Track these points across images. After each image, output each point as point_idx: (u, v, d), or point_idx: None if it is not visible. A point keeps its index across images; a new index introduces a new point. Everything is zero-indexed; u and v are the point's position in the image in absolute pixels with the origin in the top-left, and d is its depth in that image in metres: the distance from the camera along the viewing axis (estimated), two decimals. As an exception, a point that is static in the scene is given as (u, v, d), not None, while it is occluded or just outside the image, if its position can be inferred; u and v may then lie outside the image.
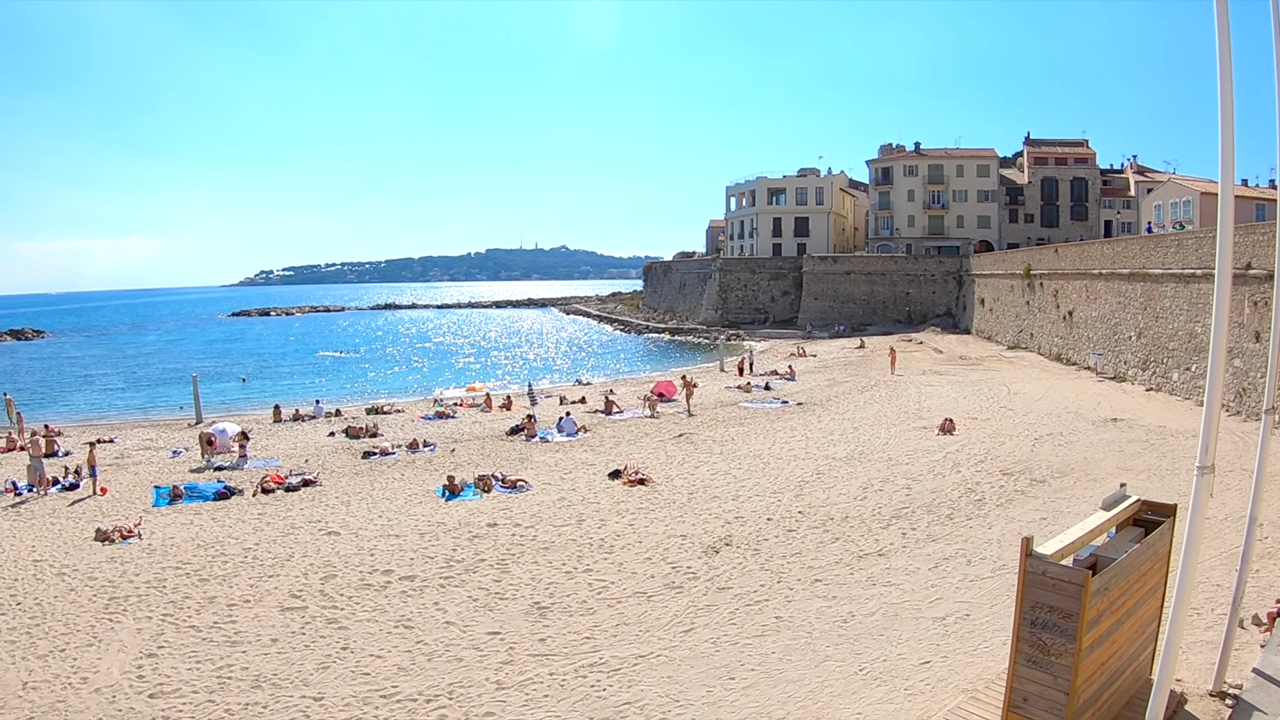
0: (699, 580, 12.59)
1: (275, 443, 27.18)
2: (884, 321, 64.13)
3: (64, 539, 16.97)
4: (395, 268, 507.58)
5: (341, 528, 16.50)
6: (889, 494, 17.05)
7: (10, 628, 12.21)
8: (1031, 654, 6.40)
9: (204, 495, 19.64)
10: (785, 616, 11.03)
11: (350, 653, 10.77)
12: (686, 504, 16.91)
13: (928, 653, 9.72)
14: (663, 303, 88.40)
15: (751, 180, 78.88)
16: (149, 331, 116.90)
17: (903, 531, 14.49)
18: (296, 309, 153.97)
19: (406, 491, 19.33)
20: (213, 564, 15.01)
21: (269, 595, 13.28)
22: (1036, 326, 43.62)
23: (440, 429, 28.43)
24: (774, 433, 24.75)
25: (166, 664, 10.90)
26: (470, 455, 23.51)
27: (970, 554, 13.18)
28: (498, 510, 17.16)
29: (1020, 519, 14.99)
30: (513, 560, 13.90)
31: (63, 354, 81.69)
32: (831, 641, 10.21)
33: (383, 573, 13.63)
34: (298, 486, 20.04)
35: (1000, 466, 19.18)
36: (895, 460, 20.23)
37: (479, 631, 11.18)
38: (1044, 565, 6.31)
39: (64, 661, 11.04)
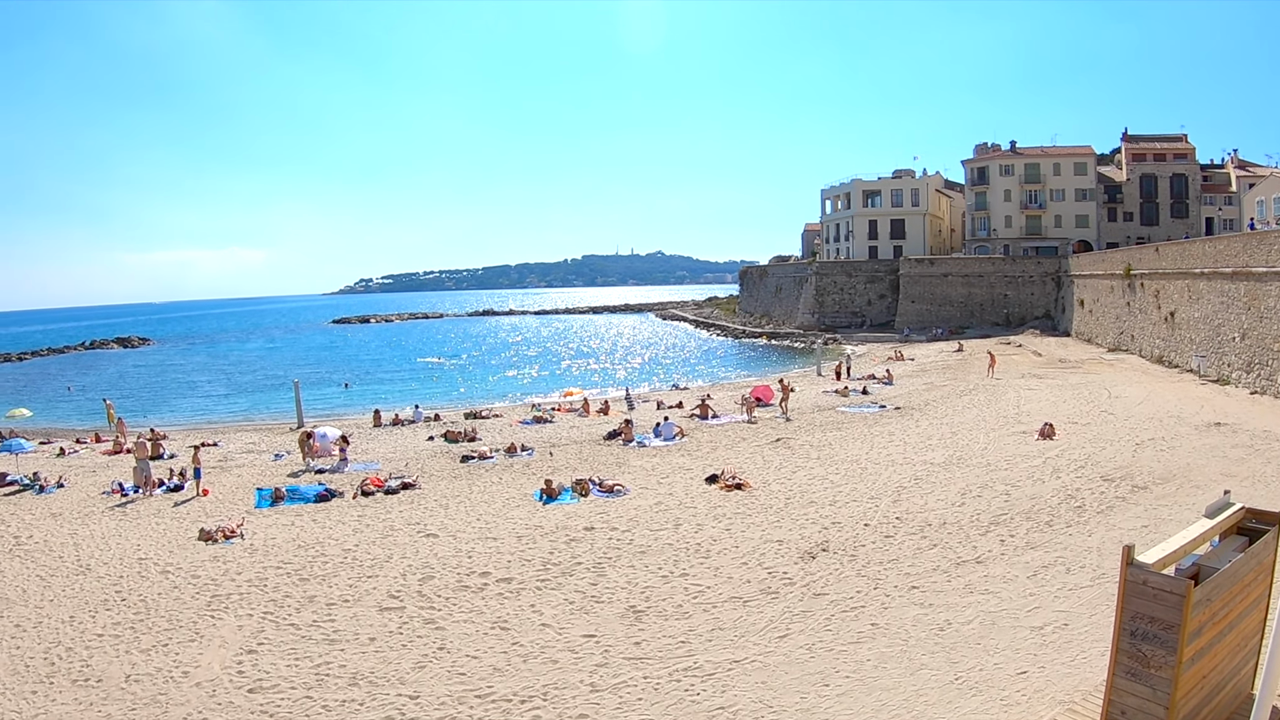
0: (795, 586, 15.15)
1: (375, 447, 33.72)
2: (982, 324, 76.97)
3: (168, 538, 21.49)
4: (492, 275, 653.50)
5: (440, 530, 20.33)
6: (987, 500, 20.28)
7: (115, 622, 15.80)
8: (1131, 666, 7.55)
9: (305, 497, 24.85)
10: (881, 623, 13.18)
11: (446, 653, 13.26)
12: (783, 509, 20.39)
13: (1025, 663, 11.54)
14: (759, 307, 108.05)
15: (846, 183, 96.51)
16: (252, 339, 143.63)
17: (1001, 539, 17.25)
18: (396, 316, 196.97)
19: (504, 495, 23.75)
20: (313, 564, 18.45)
21: (368, 595, 16.26)
22: (1137, 328, 51.85)
23: (538, 433, 34.76)
24: (871, 437, 29.54)
25: (266, 660, 13.68)
26: (568, 459, 28.67)
27: (1069, 562, 15.62)
28: (595, 514, 20.91)
29: (1121, 526, 17.61)
30: (609, 564, 16.97)
31: (168, 361, 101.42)
32: (927, 650, 12.16)
33: (480, 575, 16.81)
34: (397, 489, 24.74)
35: (1101, 472, 22.48)
36: (994, 466, 24.11)
37: (574, 634, 13.61)
38: (1145, 575, 7.45)
39: (166, 656, 14.15)
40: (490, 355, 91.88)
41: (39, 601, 17.03)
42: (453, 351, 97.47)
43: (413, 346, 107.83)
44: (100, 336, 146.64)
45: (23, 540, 21.79)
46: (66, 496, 27.08)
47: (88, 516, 24.25)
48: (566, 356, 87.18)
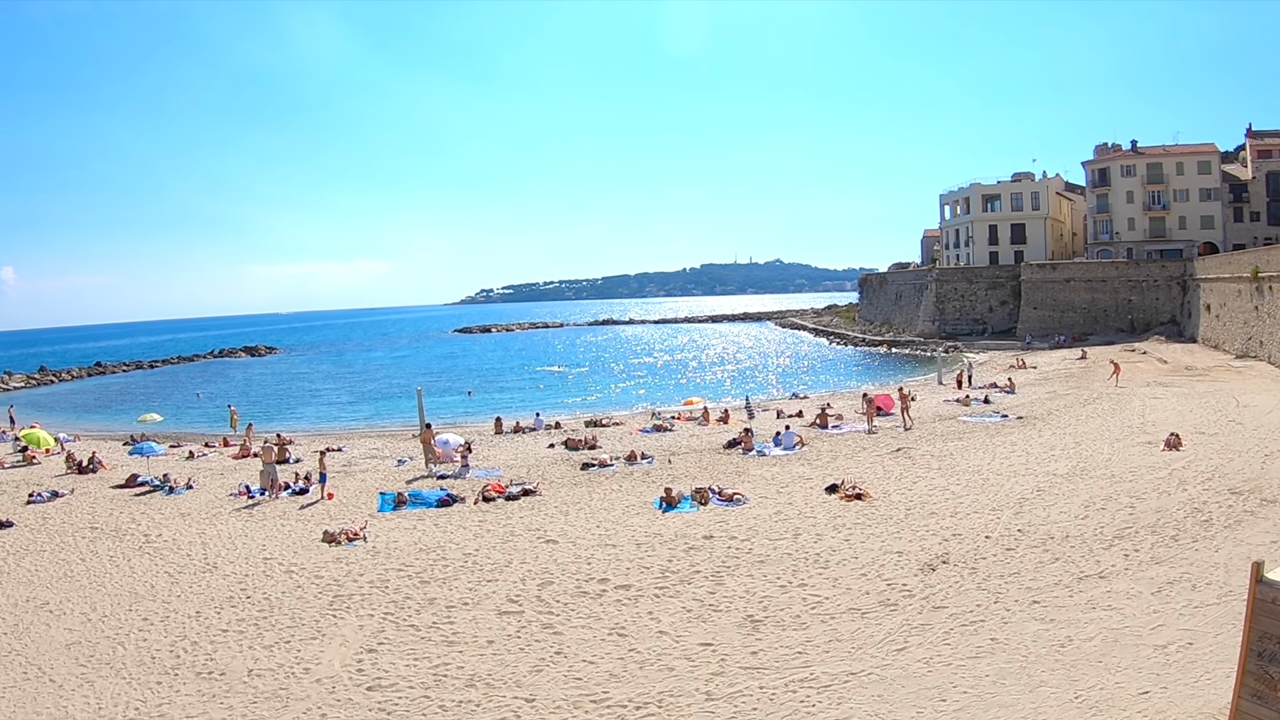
0: (914, 598, 15.59)
1: (496, 453, 36.16)
2: (1105, 330, 78.75)
3: (293, 539, 23.07)
4: (612, 284, 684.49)
5: (560, 536, 21.52)
6: (1111, 513, 20.52)
7: (239, 619, 17.03)
8: (1257, 689, 7.53)
9: (427, 502, 26.36)
10: (1001, 638, 13.47)
11: (564, 657, 13.99)
12: (903, 520, 21.02)
13: (1147, 682, 11.59)
14: (879, 315, 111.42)
15: (965, 187, 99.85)
16: (376, 348, 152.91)
17: (1125, 553, 17.44)
18: (516, 326, 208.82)
19: (624, 502, 25.13)
20: (433, 567, 19.50)
21: (487, 599, 17.12)
22: (1266, 334, 51.59)
23: (658, 442, 36.64)
24: (993, 447, 30.41)
25: (385, 659, 14.47)
26: (687, 468, 30.09)
27: (1195, 578, 15.62)
28: (714, 523, 21.88)
29: (1249, 542, 17.57)
30: (727, 573, 17.67)
31: (294, 369, 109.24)
32: (1047, 667, 12.33)
33: (599, 581, 17.72)
34: (518, 495, 26.31)
35: (1229, 485, 22.44)
36: (1118, 477, 24.32)
37: (691, 642, 14.20)
38: (1275, 593, 7.42)
39: (288, 652, 15.17)
40: (610, 364, 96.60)
41: (166, 597, 18.53)
42: (573, 360, 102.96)
43: (533, 355, 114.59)
44: (229, 345, 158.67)
45: (152, 538, 23.77)
46: (195, 498, 29.39)
47: (215, 517, 26.25)
48: (686, 365, 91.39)
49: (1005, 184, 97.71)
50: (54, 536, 24.60)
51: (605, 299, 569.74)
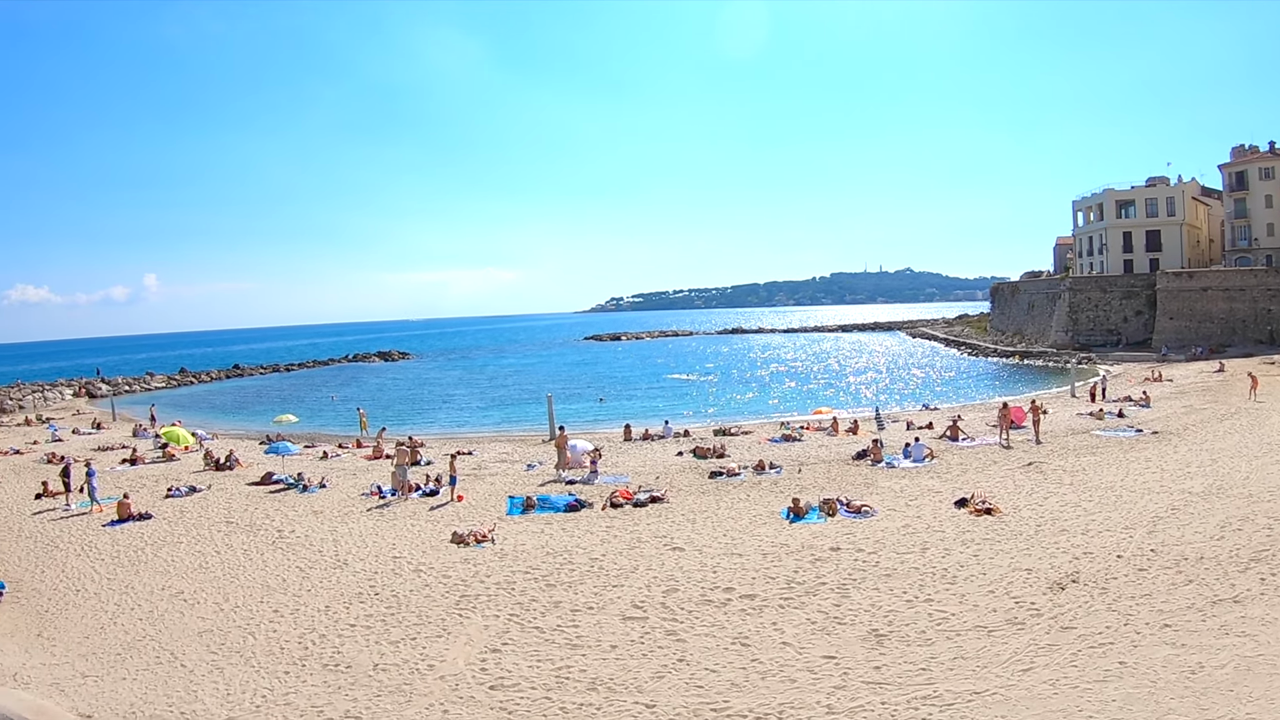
0: (1042, 617, 15.53)
1: (625, 460, 37.08)
2: (1244, 342, 77.60)
3: (422, 539, 24.08)
4: (741, 293, 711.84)
5: (686, 544, 22.05)
6: (1248, 534, 20.11)
7: (367, 614, 17.89)
8: None
9: (555, 506, 27.16)
10: (1129, 662, 13.32)
11: (686, 665, 14.33)
12: (1033, 536, 21.03)
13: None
14: (1010, 325, 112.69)
15: (1098, 193, 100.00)
16: (507, 355, 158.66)
17: (1262, 576, 16.97)
18: (646, 334, 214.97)
19: (751, 512, 25.52)
20: (560, 571, 20.06)
21: (611, 604, 17.57)
22: None
23: (786, 451, 37.35)
24: (1127, 463, 30.15)
25: (509, 660, 14.94)
26: (815, 478, 30.53)
27: None
28: (841, 534, 22.17)
29: None
30: (853, 585, 17.95)
31: (425, 374, 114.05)
32: (1176, 693, 12.14)
33: (724, 590, 18.11)
34: (645, 502, 27.14)
35: None
36: (1256, 497, 23.78)
37: (814, 654, 14.44)
38: None
39: (413, 649, 15.81)
40: (739, 373, 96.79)
41: (297, 590, 19.66)
42: (702, 369, 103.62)
43: (663, 363, 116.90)
44: (363, 350, 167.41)
45: (285, 534, 25.25)
46: (328, 496, 30.99)
47: (347, 515, 27.63)
48: (816, 375, 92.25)
49: (1139, 189, 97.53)
50: (190, 529, 26.41)
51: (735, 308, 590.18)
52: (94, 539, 25.70)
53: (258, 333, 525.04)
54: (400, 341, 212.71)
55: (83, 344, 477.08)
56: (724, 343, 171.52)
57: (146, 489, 33.49)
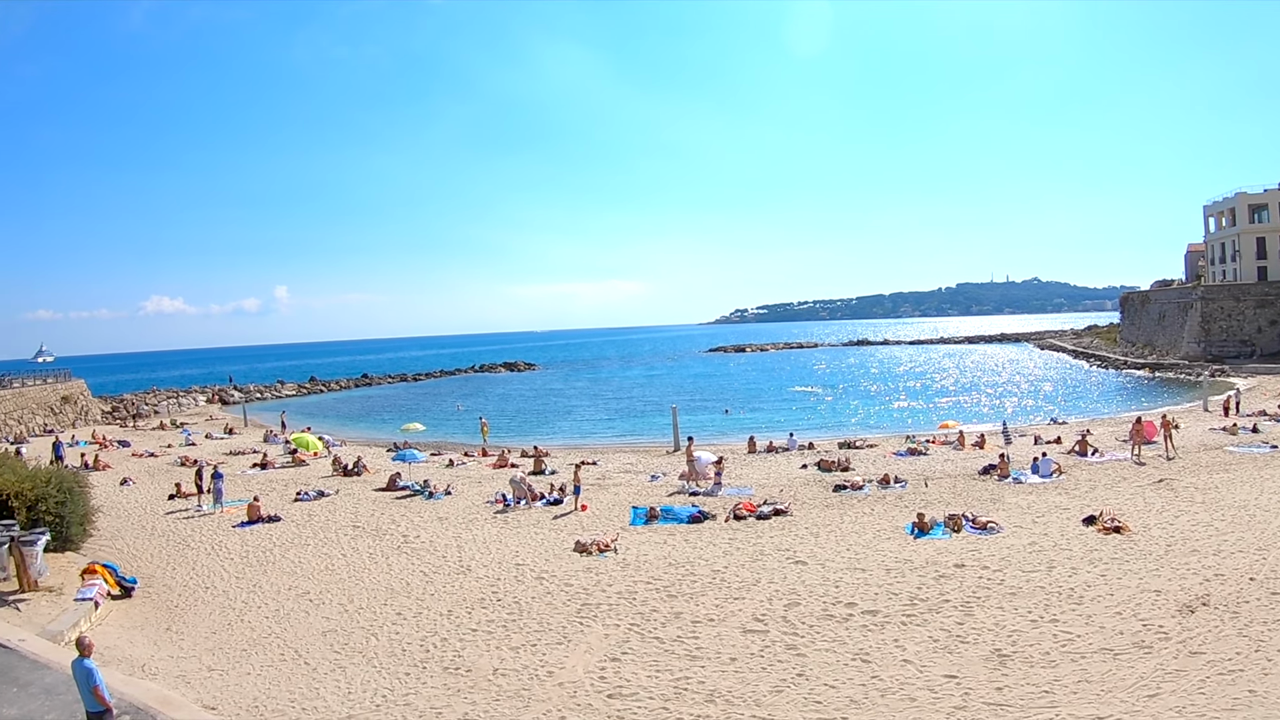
0: (1170, 641, 15.19)
1: (749, 472, 37.55)
2: None
3: (545, 547, 24.68)
4: (866, 304, 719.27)
5: (809, 558, 22.24)
6: None
7: (489, 620, 18.43)
8: None
9: (679, 518, 27.50)
10: (1260, 691, 12.94)
11: (805, 679, 14.43)
12: (1163, 556, 20.63)
13: None
14: (1140, 336, 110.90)
15: (1230, 196, 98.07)
16: (631, 366, 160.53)
17: None
18: (770, 346, 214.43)
19: (875, 526, 25.68)
20: (682, 582, 20.26)
21: (732, 616, 17.68)
22: None
23: (912, 465, 37.44)
24: (1261, 481, 29.29)
25: (628, 669, 15.17)
26: (941, 493, 30.51)
27: None
28: (966, 551, 22.13)
29: None
30: (977, 603, 17.88)
31: (551, 385, 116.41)
32: None
33: (845, 605, 18.21)
34: (769, 515, 27.35)
35: None
36: None
37: (935, 673, 14.39)
38: None
39: (533, 655, 16.21)
40: (865, 385, 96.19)
41: (421, 594, 20.40)
42: (827, 381, 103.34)
43: (787, 375, 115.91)
44: (489, 361, 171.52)
45: (410, 539, 26.19)
46: (453, 503, 31.97)
47: (471, 522, 28.52)
48: (941, 387, 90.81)
49: (1273, 192, 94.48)
50: (318, 532, 27.69)
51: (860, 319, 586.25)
52: (224, 539, 27.22)
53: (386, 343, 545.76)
54: (526, 352, 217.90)
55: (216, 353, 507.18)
56: (849, 355, 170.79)
57: (276, 492, 35.27)
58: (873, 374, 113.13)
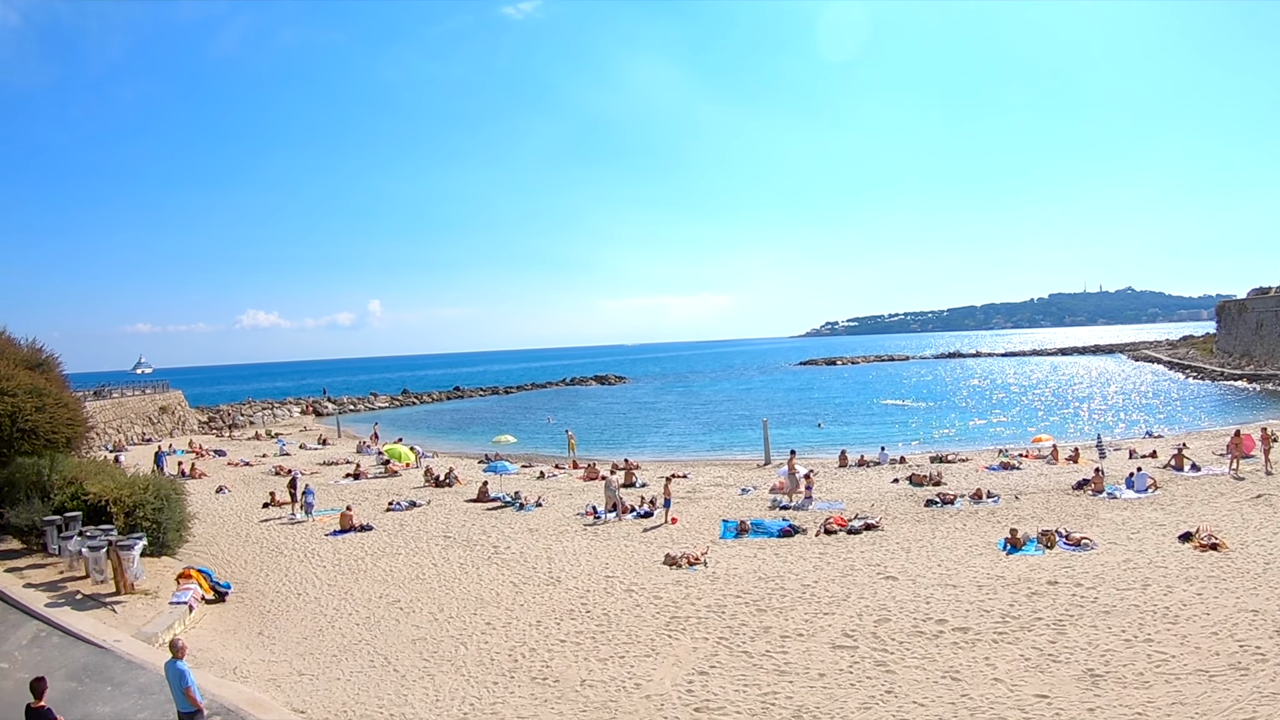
0: (1268, 663, 14.70)
1: (840, 486, 37.61)
2: None
3: (635, 560, 24.84)
4: (957, 316, 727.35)
5: (900, 573, 22.13)
6: None
7: (577, 631, 18.57)
8: None
9: (769, 532, 27.51)
10: None
11: (894, 696, 14.32)
12: (1261, 575, 20.06)
13: None
14: (1238, 346, 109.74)
15: None
16: (722, 379, 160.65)
17: None
18: (861, 358, 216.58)
19: (967, 542, 25.56)
20: (771, 596, 20.18)
21: (822, 631, 17.60)
22: None
23: (1004, 480, 37.24)
24: None
25: (716, 683, 15.11)
26: (1034, 508, 30.32)
27: None
28: (1059, 568, 21.86)
29: None
30: (1070, 622, 17.60)
31: (641, 398, 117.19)
32: None
33: (936, 621, 18.07)
34: (859, 530, 27.41)
35: None
36: None
37: (1026, 692, 14.22)
38: None
39: (621, 667, 16.29)
40: (956, 398, 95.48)
41: (510, 605, 20.68)
42: (918, 394, 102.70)
43: (878, 388, 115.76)
44: (580, 374, 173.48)
45: (501, 550, 26.57)
46: (544, 515, 32.43)
47: (561, 534, 28.84)
48: (1034, 400, 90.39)
49: None
50: (409, 542, 28.29)
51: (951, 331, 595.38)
52: (316, 547, 28.04)
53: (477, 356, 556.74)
54: (617, 366, 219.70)
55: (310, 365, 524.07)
56: (941, 367, 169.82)
57: (368, 502, 36.16)
58: (964, 387, 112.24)
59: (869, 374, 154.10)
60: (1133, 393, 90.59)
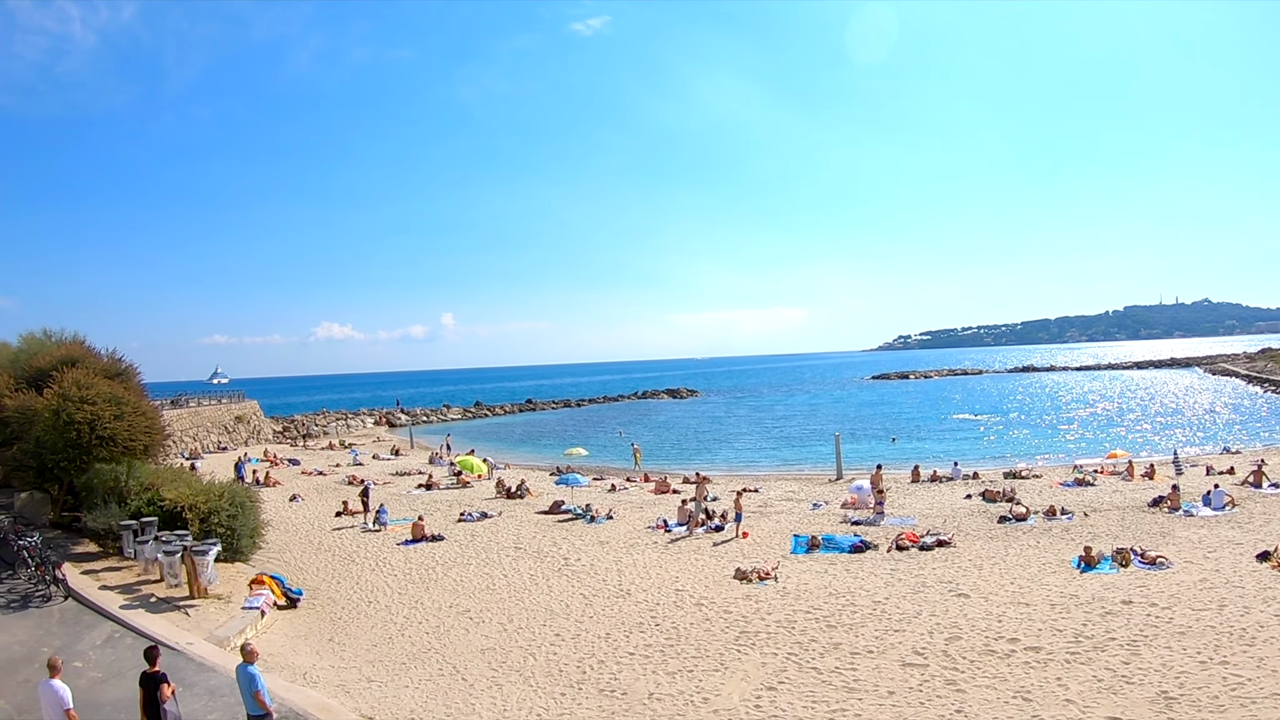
0: None
1: (912, 502, 37.22)
2: None
3: (706, 574, 24.75)
4: (1031, 329, 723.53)
5: (972, 591, 21.92)
6: None
7: (646, 644, 18.59)
8: None
9: (840, 547, 27.31)
10: None
11: (964, 716, 14.22)
12: None
13: None
14: None
15: None
16: (794, 393, 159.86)
17: None
18: (934, 372, 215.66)
19: (1040, 559, 25.23)
20: (841, 612, 20.02)
21: (892, 649, 17.41)
22: None
23: (1079, 496, 36.66)
24: None
25: (784, 699, 15.05)
26: (1108, 526, 29.83)
27: None
28: (1134, 587, 21.46)
29: None
30: (1144, 642, 17.28)
31: (713, 411, 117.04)
32: None
33: (1008, 640, 17.87)
34: (931, 546, 27.22)
35: None
36: None
37: (1099, 714, 14.05)
38: None
39: (689, 680, 16.26)
40: (1030, 413, 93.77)
41: (579, 616, 20.79)
42: (992, 408, 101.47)
43: (952, 403, 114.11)
44: (651, 388, 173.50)
45: (571, 562, 26.73)
46: (614, 527, 32.53)
47: (632, 547, 28.89)
48: (1110, 415, 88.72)
49: None
50: (480, 552, 28.59)
51: (1025, 344, 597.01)
52: (388, 556, 28.48)
53: (549, 369, 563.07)
54: (688, 379, 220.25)
55: (383, 377, 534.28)
56: (1015, 381, 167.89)
57: (440, 512, 36.64)
58: (1038, 401, 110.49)
59: (942, 388, 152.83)
60: (1210, 407, 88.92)
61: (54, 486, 26.88)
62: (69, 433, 23.85)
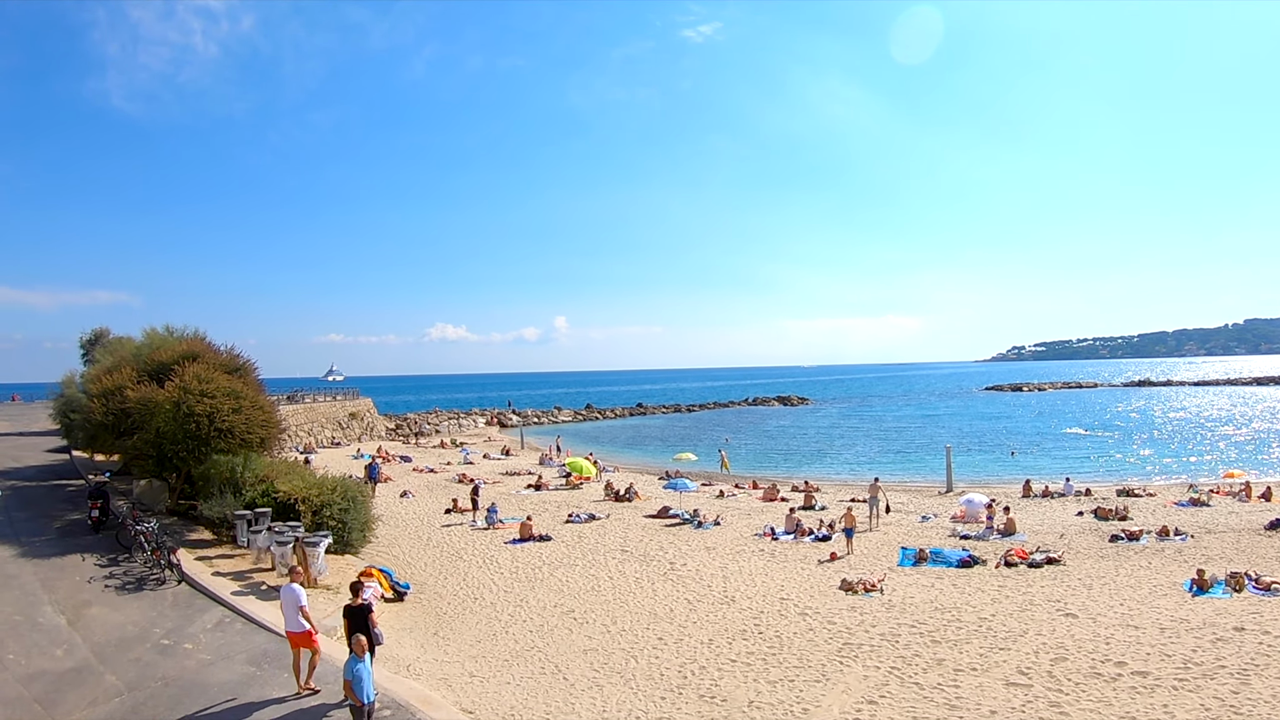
0: None
1: (1023, 518, 35.97)
2: None
3: (811, 584, 24.60)
4: (1147, 342, 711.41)
5: (1080, 610, 21.41)
6: None
7: (749, 652, 18.53)
8: None
9: (948, 561, 26.93)
10: None
11: None
12: None
13: None
14: None
15: None
16: (906, 404, 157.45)
17: None
18: (1048, 385, 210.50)
19: (1152, 581, 24.58)
20: (946, 628, 19.67)
21: (996, 667, 17.04)
22: None
23: (1194, 517, 35.80)
24: None
25: (884, 713, 14.82)
26: (1223, 548, 29.01)
27: None
28: (1247, 613, 20.63)
29: None
30: (1255, 672, 16.59)
31: (823, 420, 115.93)
32: None
33: (1115, 664, 17.41)
34: (1040, 563, 26.71)
35: None
36: None
37: None
38: None
39: (790, 690, 16.17)
40: (1145, 429, 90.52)
41: (683, 621, 20.83)
42: (1106, 423, 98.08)
43: (1065, 416, 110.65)
44: (761, 395, 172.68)
45: (677, 566, 26.80)
46: (721, 534, 32.53)
47: (738, 554, 28.86)
48: (1227, 433, 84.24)
49: None
50: (586, 554, 28.94)
51: (1141, 358, 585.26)
52: (495, 554, 29.08)
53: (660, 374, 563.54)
54: (799, 387, 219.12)
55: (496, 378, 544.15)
56: (1131, 395, 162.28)
57: (548, 513, 37.25)
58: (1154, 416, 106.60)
59: (1056, 401, 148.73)
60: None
61: (172, 475, 28.00)
62: (188, 424, 24.83)
